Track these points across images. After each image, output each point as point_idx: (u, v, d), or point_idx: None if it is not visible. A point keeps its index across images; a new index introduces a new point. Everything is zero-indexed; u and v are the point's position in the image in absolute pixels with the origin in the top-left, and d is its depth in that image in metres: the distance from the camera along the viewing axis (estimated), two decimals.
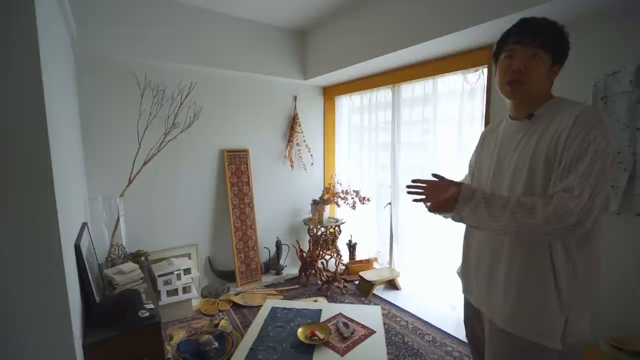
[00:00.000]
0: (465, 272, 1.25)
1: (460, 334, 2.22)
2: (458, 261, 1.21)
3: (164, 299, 2.41)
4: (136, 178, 2.43)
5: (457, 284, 2.51)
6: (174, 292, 2.47)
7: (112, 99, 2.46)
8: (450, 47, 2.28)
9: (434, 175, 1.11)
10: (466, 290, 1.25)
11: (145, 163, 2.46)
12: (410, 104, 2.90)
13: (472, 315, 1.26)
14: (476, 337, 1.25)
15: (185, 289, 2.52)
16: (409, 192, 1.13)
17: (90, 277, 1.59)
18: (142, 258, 2.33)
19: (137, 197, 2.59)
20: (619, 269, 1.68)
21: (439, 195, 1.04)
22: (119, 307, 1.59)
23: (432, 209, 1.05)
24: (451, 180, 1.08)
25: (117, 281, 1.83)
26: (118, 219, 2.34)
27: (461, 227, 1.20)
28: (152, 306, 1.72)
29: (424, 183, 1.09)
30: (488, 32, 1.95)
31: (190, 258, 2.88)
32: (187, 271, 2.54)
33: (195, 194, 2.93)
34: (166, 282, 2.43)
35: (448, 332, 2.26)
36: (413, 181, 1.11)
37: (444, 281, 2.64)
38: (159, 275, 2.40)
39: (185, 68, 2.70)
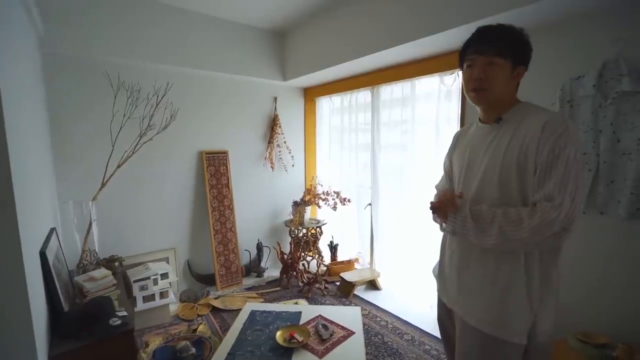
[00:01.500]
0: (439, 272, 1.28)
1: (438, 332, 2.25)
2: (436, 261, 1.25)
3: (140, 305, 2.35)
4: (110, 181, 2.35)
5: (435, 283, 2.56)
6: (151, 297, 2.40)
7: (84, 100, 2.37)
8: (427, 50, 2.32)
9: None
10: (441, 290, 1.28)
11: (119, 165, 2.39)
12: (389, 105, 2.93)
13: (445, 314, 1.30)
14: (449, 335, 1.29)
15: (163, 294, 2.46)
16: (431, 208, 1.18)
17: (57, 286, 1.53)
18: (116, 263, 2.26)
19: (111, 201, 2.51)
20: (585, 267, 1.75)
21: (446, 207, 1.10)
22: (88, 316, 1.54)
23: (434, 210, 1.14)
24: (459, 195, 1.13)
25: (88, 288, 1.77)
26: (90, 224, 2.26)
27: (437, 229, 1.23)
28: (124, 313, 1.67)
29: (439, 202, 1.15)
30: (463, 35, 1.98)
31: (168, 262, 2.81)
32: (164, 276, 2.48)
33: (173, 197, 2.86)
34: (142, 288, 2.36)
35: (426, 330, 2.30)
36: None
37: (423, 281, 2.68)
38: (135, 281, 2.33)
39: (160, 68, 2.64)
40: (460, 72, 2.28)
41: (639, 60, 1.54)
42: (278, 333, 1.91)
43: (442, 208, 1.10)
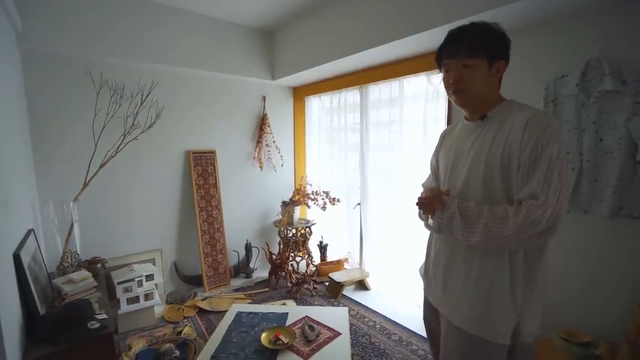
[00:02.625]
0: (425, 272, 1.27)
1: (425, 332, 2.25)
2: (423, 261, 1.24)
3: (124, 307, 2.30)
4: (92, 181, 2.30)
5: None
6: (135, 299, 2.36)
7: (65, 98, 2.32)
8: (414, 49, 2.31)
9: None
10: (426, 290, 1.27)
11: (102, 165, 2.34)
12: (377, 105, 2.93)
13: (431, 314, 1.29)
14: (435, 335, 1.29)
15: (148, 296, 2.41)
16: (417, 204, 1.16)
17: (33, 289, 1.49)
18: (98, 265, 2.21)
19: (93, 201, 2.46)
20: (568, 266, 1.76)
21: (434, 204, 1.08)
22: (66, 319, 1.50)
23: (421, 206, 1.12)
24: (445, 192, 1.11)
25: (66, 291, 1.72)
26: (72, 225, 2.21)
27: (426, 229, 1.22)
28: (104, 316, 1.63)
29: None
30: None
31: (154, 263, 2.77)
32: (149, 277, 2.43)
33: (159, 197, 2.82)
34: (126, 290, 2.32)
35: (414, 331, 2.29)
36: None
37: (412, 281, 2.67)
38: (118, 283, 2.29)
39: (145, 66, 2.59)
40: None
41: (621, 60, 1.55)
42: (263, 335, 1.89)
43: (429, 204, 1.09)
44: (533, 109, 0.99)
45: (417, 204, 1.14)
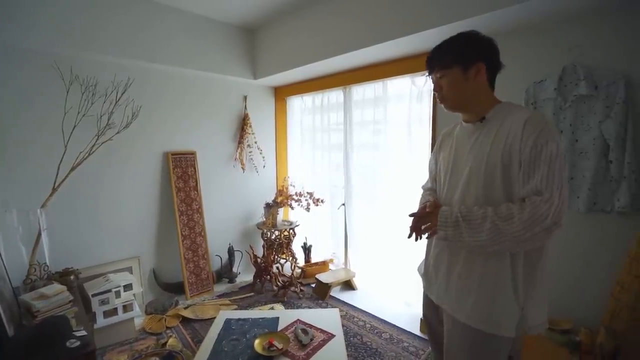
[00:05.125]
0: (426, 271, 1.28)
1: (415, 328, 2.30)
2: (411, 258, 1.25)
3: (100, 321, 2.14)
4: (62, 185, 2.12)
5: (411, 280, 2.60)
6: (113, 312, 2.20)
7: (30, 95, 2.12)
8: (399, 51, 2.35)
9: (414, 214, 1.17)
10: (427, 288, 1.28)
11: (73, 168, 2.16)
12: (361, 105, 2.95)
13: (431, 312, 1.31)
14: (436, 332, 1.31)
15: (126, 307, 2.26)
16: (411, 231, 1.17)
17: None
18: (71, 277, 2.03)
19: (64, 208, 2.27)
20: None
21: (429, 221, 1.11)
22: (41, 339, 1.36)
23: (418, 235, 1.14)
24: (435, 205, 1.13)
25: (38, 307, 1.57)
26: (39, 234, 2.02)
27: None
28: (84, 333, 1.50)
29: (415, 216, 1.15)
30: (433, 38, 2.04)
31: (131, 272, 2.60)
32: (127, 287, 2.29)
33: (135, 202, 2.66)
34: (102, 302, 2.16)
35: (404, 328, 2.33)
36: (409, 216, 1.17)
37: (398, 278, 2.72)
38: (94, 295, 2.13)
39: (119, 62, 2.43)
40: None
41: (593, 67, 1.67)
42: (256, 341, 1.84)
43: (426, 218, 1.11)
44: (529, 110, 1.04)
45: (411, 227, 1.15)
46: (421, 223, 1.12)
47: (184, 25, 2.66)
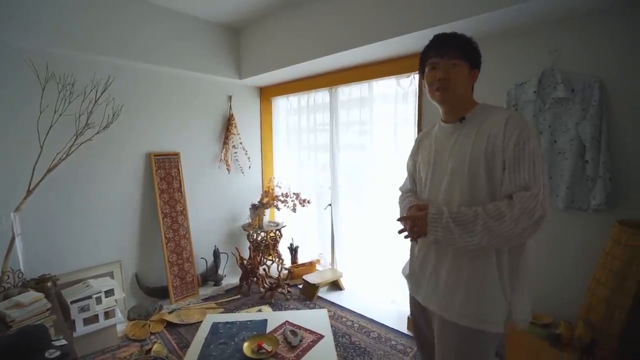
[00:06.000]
0: (411, 273, 1.28)
1: (402, 327, 2.33)
2: (396, 257, 1.25)
3: (80, 329, 2.06)
4: (38, 188, 2.03)
5: (397, 279, 2.63)
6: (94, 318, 2.12)
7: (1, 93, 2.01)
8: (384, 53, 2.38)
9: (405, 217, 1.13)
10: (413, 290, 1.27)
11: (49, 170, 2.07)
12: (347, 106, 2.96)
13: (418, 313, 1.30)
14: (422, 333, 1.30)
15: (108, 314, 2.18)
16: (400, 232, 1.16)
17: None
18: (49, 284, 1.95)
19: (39, 211, 2.17)
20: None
21: (420, 226, 1.07)
22: (17, 350, 1.29)
23: (413, 239, 1.13)
24: (422, 207, 1.10)
25: (13, 317, 1.49)
26: (13, 239, 1.92)
27: (396, 227, 1.20)
28: (63, 342, 1.44)
29: (405, 220, 1.12)
30: (418, 41, 2.08)
31: (112, 277, 2.51)
32: (109, 293, 2.21)
33: (117, 204, 2.57)
34: (82, 309, 2.07)
35: (391, 326, 2.36)
36: (398, 220, 1.16)
37: (385, 277, 2.75)
38: (73, 302, 2.04)
39: (99, 60, 2.35)
40: (417, 76, 2.42)
41: (571, 71, 1.74)
42: (245, 344, 1.81)
43: (415, 222, 1.09)
44: (508, 110, 1.09)
45: (402, 231, 1.13)
46: (413, 228, 1.10)
47: (166, 23, 2.60)
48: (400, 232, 1.15)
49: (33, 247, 2.13)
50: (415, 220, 1.08)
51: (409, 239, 1.13)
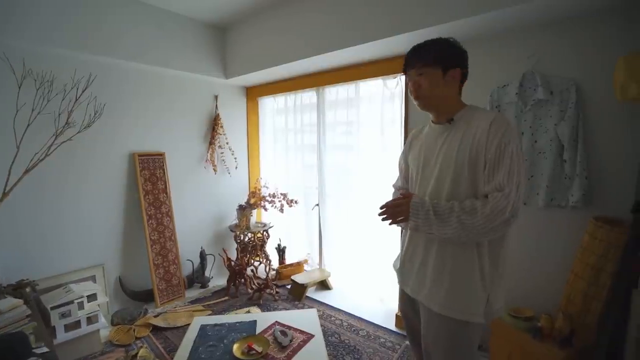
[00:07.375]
0: (401, 266, 1.33)
1: (390, 324, 2.37)
2: (384, 255, 1.29)
3: (61, 336, 1.98)
4: (15, 189, 1.94)
5: (385, 277, 2.67)
6: (76, 324, 2.05)
7: None
8: (371, 54, 2.41)
9: (386, 204, 1.19)
10: (402, 282, 1.33)
11: (27, 171, 1.99)
12: (334, 106, 2.98)
13: (408, 305, 1.36)
14: (412, 325, 1.36)
15: (91, 319, 2.12)
16: (380, 215, 1.19)
17: None
18: (27, 289, 1.87)
19: (16, 214, 2.08)
20: (511, 250, 2.00)
21: (401, 211, 1.14)
22: None
23: (394, 222, 1.17)
24: (407, 195, 1.17)
25: None
26: None
27: (383, 226, 1.27)
28: (45, 349, 1.40)
29: (386, 207, 1.18)
30: (405, 42, 2.12)
31: (95, 281, 2.44)
32: (91, 297, 2.14)
33: (99, 205, 2.49)
34: (63, 315, 2.00)
35: (379, 324, 2.39)
36: (380, 207, 1.19)
37: (372, 276, 2.78)
38: (53, 308, 1.97)
39: (80, 57, 2.27)
40: (403, 77, 2.46)
41: (549, 73, 1.82)
42: (235, 346, 1.80)
43: (398, 208, 1.16)
44: (494, 112, 1.13)
45: (385, 211, 1.18)
46: (395, 211, 1.16)
47: (151, 21, 2.54)
48: (380, 214, 1.19)
49: (10, 251, 2.04)
50: (398, 206, 1.15)
51: (388, 222, 1.18)
